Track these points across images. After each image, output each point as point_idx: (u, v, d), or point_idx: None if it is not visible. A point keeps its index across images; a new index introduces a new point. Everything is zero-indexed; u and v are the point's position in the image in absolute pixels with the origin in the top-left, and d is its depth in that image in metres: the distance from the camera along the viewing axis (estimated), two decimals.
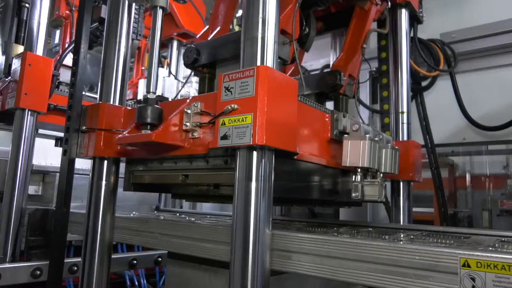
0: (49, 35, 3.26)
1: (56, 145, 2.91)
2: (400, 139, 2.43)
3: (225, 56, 1.78)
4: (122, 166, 1.85)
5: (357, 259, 1.13)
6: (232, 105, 1.24)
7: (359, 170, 1.56)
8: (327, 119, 1.64)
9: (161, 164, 1.67)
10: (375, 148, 1.56)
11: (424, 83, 3.23)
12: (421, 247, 1.04)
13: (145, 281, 2.81)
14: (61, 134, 1.85)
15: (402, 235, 1.58)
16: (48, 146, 2.89)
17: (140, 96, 3.42)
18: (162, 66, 3.71)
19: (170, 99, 3.50)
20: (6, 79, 2.44)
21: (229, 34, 1.85)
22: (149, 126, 1.50)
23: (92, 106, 1.79)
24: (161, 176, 1.69)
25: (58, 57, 2.68)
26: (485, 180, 4.42)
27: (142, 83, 3.42)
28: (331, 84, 1.99)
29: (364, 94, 4.26)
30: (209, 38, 1.99)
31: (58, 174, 1.81)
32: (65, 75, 2.94)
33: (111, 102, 1.79)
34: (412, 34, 2.83)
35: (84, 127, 1.77)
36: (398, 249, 1.07)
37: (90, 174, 1.76)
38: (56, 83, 2.55)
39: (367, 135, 1.55)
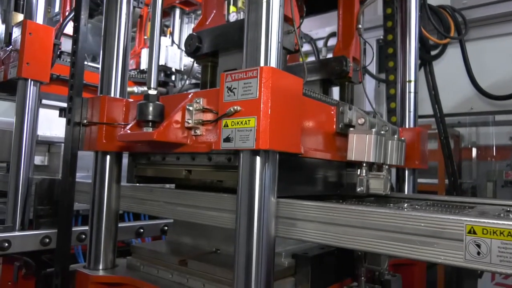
0: (49, 3, 3.18)
1: (60, 115, 2.90)
2: (407, 109, 2.39)
3: (227, 45, 1.73)
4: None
5: (362, 226, 1.12)
6: (235, 107, 1.21)
7: (364, 164, 1.54)
8: (332, 112, 1.60)
9: (163, 159, 1.65)
10: (381, 142, 1.53)
11: (433, 52, 3.15)
12: (426, 214, 1.04)
13: None
14: (65, 105, 1.84)
15: (406, 204, 1.59)
16: (52, 117, 2.88)
17: (143, 66, 3.37)
18: (165, 35, 3.63)
19: (173, 69, 3.46)
20: (7, 48, 2.40)
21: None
22: (150, 123, 1.48)
23: (93, 99, 1.76)
24: (164, 170, 1.67)
25: (59, 26, 2.63)
26: (491, 151, 4.40)
27: (144, 53, 3.38)
28: (338, 71, 1.93)
29: (371, 63, 4.19)
30: (207, 23, 1.92)
31: (63, 144, 1.81)
32: (66, 45, 2.90)
33: (112, 93, 1.77)
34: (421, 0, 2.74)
35: (85, 121, 1.76)
36: (403, 216, 1.07)
37: (93, 166, 1.76)
38: (58, 52, 2.51)
39: (373, 129, 1.52)
